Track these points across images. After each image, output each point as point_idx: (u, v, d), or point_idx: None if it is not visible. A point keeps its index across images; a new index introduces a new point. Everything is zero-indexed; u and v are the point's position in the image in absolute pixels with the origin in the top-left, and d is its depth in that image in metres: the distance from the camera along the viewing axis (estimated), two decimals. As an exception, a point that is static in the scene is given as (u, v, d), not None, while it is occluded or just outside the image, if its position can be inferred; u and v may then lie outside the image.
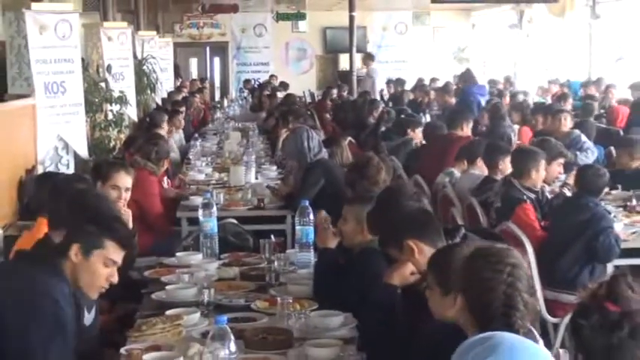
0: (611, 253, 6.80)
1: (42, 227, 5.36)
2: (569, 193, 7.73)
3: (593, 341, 2.74)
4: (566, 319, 6.45)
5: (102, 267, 4.08)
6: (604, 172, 7.26)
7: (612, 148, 10.12)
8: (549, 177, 8.10)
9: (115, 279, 4.14)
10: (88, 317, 4.51)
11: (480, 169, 8.57)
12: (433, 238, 4.32)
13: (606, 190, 8.64)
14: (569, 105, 13.52)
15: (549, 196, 7.86)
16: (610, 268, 6.98)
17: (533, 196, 7.46)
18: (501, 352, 2.35)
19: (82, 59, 10.68)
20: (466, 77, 17.09)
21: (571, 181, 7.86)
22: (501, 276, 3.24)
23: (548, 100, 16.34)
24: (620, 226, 7.33)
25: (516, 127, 12.24)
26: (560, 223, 7.04)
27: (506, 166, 8.01)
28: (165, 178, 9.35)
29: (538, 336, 3.51)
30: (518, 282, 3.26)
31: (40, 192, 6.31)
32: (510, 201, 7.39)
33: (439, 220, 5.29)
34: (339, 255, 5.39)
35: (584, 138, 10.51)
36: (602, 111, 14.40)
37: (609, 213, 7.25)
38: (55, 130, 9.36)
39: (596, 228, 6.78)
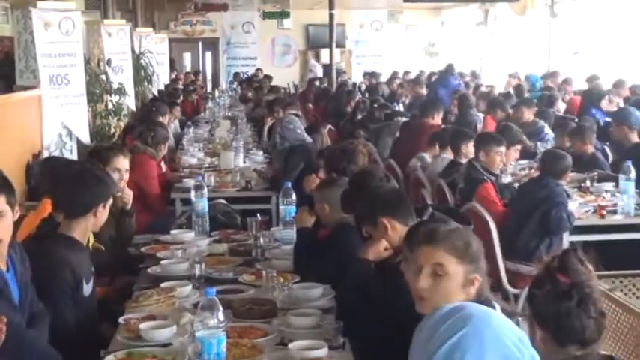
0: (561, 225, 6.83)
1: (46, 207, 5.37)
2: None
3: (545, 309, 2.77)
4: (526, 289, 6.49)
5: None
6: (565, 156, 7.31)
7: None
8: (506, 161, 8.12)
9: None
10: (87, 288, 4.49)
11: (451, 154, 8.61)
12: (405, 217, 4.31)
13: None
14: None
15: (507, 181, 7.93)
16: (566, 243, 7.03)
17: (493, 178, 7.50)
18: (475, 322, 2.30)
19: (84, 54, 10.63)
20: (446, 70, 17.32)
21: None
22: None
23: (511, 92, 16.35)
24: (575, 205, 7.36)
25: (482, 115, 12.23)
26: (521, 200, 7.08)
27: (469, 150, 8.06)
28: (163, 163, 9.34)
29: (495, 303, 3.52)
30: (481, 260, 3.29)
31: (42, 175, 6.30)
32: (472, 181, 7.45)
33: (411, 200, 5.30)
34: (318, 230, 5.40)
35: (547, 129, 10.49)
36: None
37: (567, 194, 7.30)
38: (59, 119, 9.35)
39: (551, 203, 6.83)
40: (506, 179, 8.04)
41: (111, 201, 4.75)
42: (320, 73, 22.65)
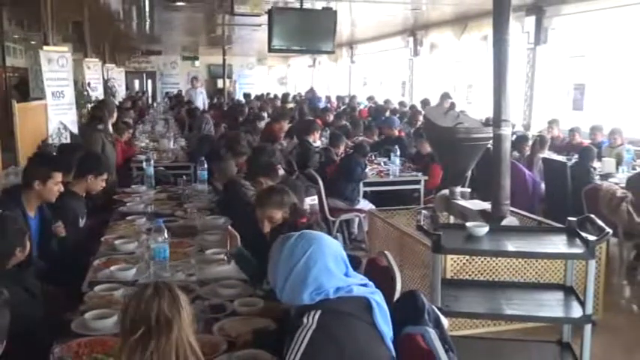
0: (359, 178, 7.03)
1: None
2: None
3: None
4: (340, 217, 6.63)
5: None
6: (366, 144, 7.46)
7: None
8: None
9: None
10: (82, 222, 4.36)
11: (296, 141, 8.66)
12: (273, 177, 4.36)
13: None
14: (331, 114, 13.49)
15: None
16: (362, 191, 7.22)
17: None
18: (318, 241, 2.12)
19: (73, 79, 10.18)
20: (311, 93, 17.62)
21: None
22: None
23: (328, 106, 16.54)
24: (367, 169, 7.57)
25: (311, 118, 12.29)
26: (343, 166, 7.15)
27: (315, 137, 8.02)
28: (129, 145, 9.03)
29: (325, 228, 3.56)
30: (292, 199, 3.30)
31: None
32: (328, 159, 7.51)
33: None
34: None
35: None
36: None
37: (365, 164, 7.46)
38: (58, 119, 8.99)
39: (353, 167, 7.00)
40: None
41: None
42: (203, 94, 21.06)
